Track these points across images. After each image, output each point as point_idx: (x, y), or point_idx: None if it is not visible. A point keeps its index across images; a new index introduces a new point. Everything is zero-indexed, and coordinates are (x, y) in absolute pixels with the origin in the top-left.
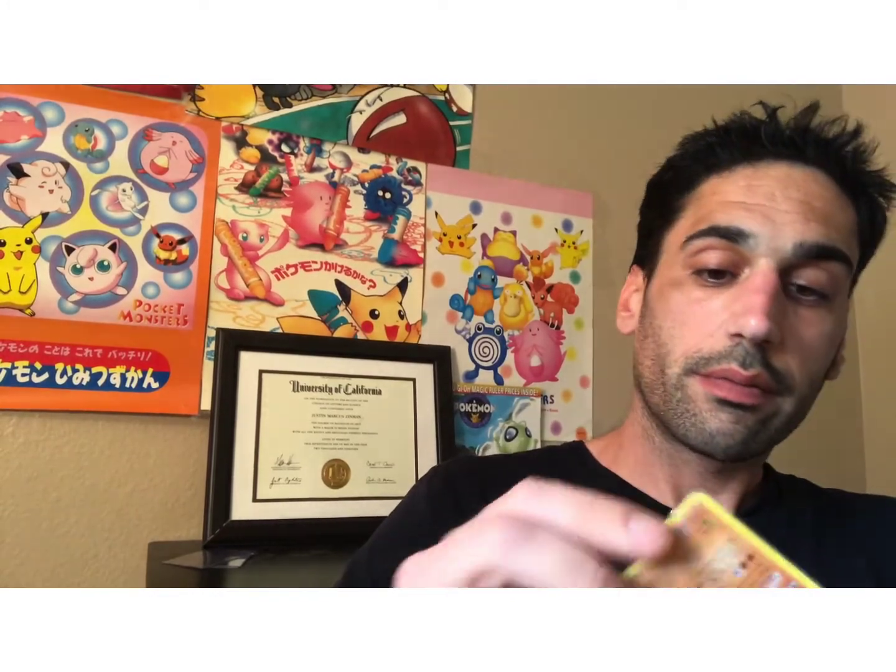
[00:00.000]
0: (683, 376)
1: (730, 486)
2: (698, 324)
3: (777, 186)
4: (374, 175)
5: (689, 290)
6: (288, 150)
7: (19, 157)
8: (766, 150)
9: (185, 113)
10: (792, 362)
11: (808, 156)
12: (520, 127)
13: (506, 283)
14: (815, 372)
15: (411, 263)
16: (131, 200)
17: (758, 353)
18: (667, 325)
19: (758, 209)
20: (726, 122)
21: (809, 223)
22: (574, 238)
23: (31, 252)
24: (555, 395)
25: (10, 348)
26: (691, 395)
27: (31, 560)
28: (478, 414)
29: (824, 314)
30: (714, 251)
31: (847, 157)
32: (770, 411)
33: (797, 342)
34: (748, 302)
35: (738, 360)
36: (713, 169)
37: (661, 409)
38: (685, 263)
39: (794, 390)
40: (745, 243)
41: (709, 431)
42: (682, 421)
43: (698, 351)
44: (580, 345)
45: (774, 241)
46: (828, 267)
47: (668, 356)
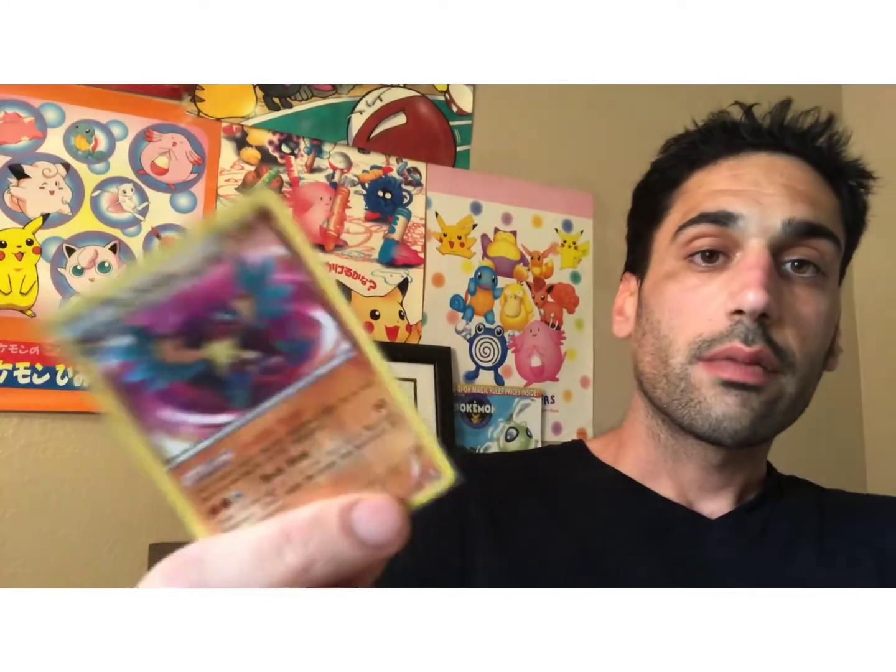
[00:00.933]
0: (688, 365)
1: (734, 479)
2: (696, 309)
3: (760, 173)
4: (374, 175)
5: (683, 278)
6: (288, 150)
7: (20, 159)
8: (747, 142)
9: (185, 114)
10: (791, 339)
11: (788, 146)
12: (520, 127)
13: (506, 284)
14: (815, 351)
15: (412, 264)
16: (132, 201)
17: (759, 329)
18: (665, 318)
19: (744, 193)
20: (706, 121)
21: (796, 203)
22: (574, 238)
23: (31, 253)
24: (555, 396)
25: (11, 349)
26: (695, 383)
27: (32, 561)
28: (478, 414)
29: (818, 293)
30: (706, 237)
31: (823, 146)
32: (775, 392)
33: (795, 319)
34: (744, 278)
35: (741, 337)
36: (697, 164)
37: (665, 403)
38: (678, 254)
39: (795, 368)
40: (734, 226)
41: (715, 417)
42: (687, 411)
43: (699, 336)
44: (581, 345)
45: (764, 220)
46: (818, 245)
47: (670, 347)
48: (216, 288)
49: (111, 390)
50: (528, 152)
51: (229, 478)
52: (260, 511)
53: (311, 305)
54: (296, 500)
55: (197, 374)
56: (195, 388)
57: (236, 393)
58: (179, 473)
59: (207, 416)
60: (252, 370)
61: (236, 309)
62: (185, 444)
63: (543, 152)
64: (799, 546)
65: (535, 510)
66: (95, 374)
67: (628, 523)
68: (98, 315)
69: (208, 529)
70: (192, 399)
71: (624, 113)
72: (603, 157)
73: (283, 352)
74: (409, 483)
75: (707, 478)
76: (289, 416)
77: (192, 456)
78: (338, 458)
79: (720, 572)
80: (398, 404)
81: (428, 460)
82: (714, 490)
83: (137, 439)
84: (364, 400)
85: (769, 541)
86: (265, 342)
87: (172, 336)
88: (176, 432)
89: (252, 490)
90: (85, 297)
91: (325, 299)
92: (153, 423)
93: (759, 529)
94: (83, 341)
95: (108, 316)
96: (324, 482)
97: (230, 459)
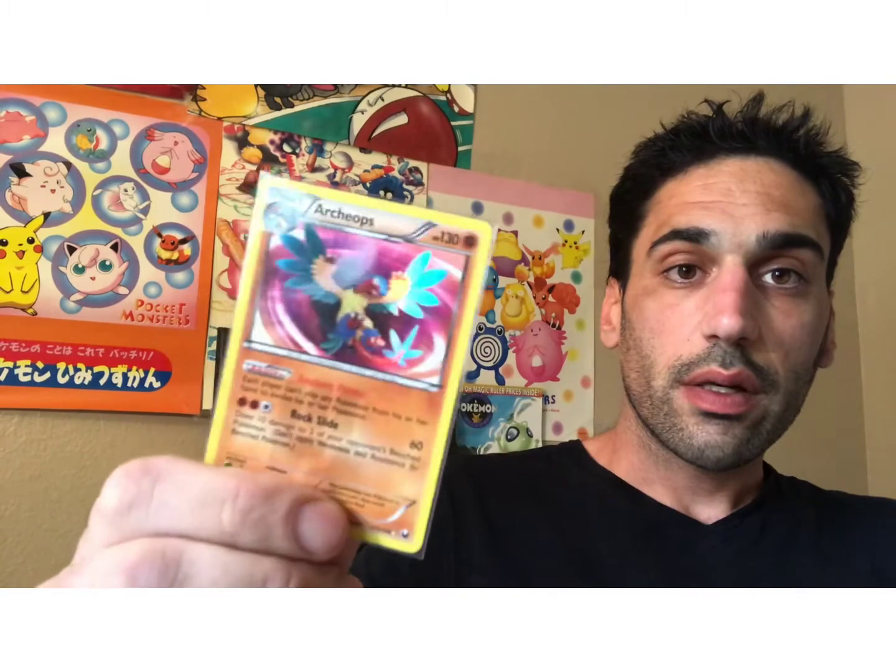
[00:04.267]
0: (669, 389)
1: (727, 485)
2: (674, 329)
3: (732, 181)
4: (375, 175)
5: (660, 296)
6: (290, 150)
7: (21, 157)
8: (717, 146)
9: (186, 113)
10: (774, 357)
11: (760, 146)
12: (521, 127)
13: (507, 284)
14: (800, 364)
15: None
16: (133, 200)
17: (736, 352)
18: (646, 336)
19: (716, 206)
20: (675, 123)
21: (770, 213)
22: (575, 238)
23: (33, 252)
24: (556, 396)
25: (12, 348)
26: (677, 409)
27: (33, 559)
28: (479, 414)
29: (801, 303)
30: (679, 254)
31: (800, 141)
32: (758, 415)
33: (777, 335)
34: (719, 301)
35: (718, 361)
36: (668, 173)
37: (651, 423)
38: (654, 269)
39: (779, 387)
40: (707, 242)
41: (697, 446)
42: (670, 435)
43: (678, 358)
44: (581, 345)
45: (737, 236)
46: (797, 254)
47: (652, 368)
48: (392, 258)
49: (257, 257)
50: (530, 152)
51: (273, 390)
52: (269, 433)
53: (441, 329)
54: (299, 450)
55: (323, 302)
56: (312, 310)
57: (334, 338)
58: (246, 356)
59: (300, 336)
60: (359, 334)
61: (390, 284)
62: (269, 339)
63: (545, 152)
64: (795, 551)
65: (530, 513)
66: (259, 236)
67: (624, 529)
68: (302, 203)
69: (226, 411)
70: (303, 315)
71: (625, 113)
72: (604, 157)
73: (391, 342)
74: (382, 521)
75: (699, 484)
76: (350, 389)
77: (265, 352)
78: (353, 450)
79: (715, 578)
80: (431, 457)
81: (412, 520)
82: (708, 495)
83: (245, 306)
84: (411, 429)
85: (765, 546)
86: (385, 324)
87: (333, 262)
88: (271, 326)
89: (279, 413)
90: (306, 186)
91: (454, 335)
92: (263, 306)
93: (755, 535)
94: (273, 208)
95: (307, 210)
96: (327, 456)
97: (286, 378)
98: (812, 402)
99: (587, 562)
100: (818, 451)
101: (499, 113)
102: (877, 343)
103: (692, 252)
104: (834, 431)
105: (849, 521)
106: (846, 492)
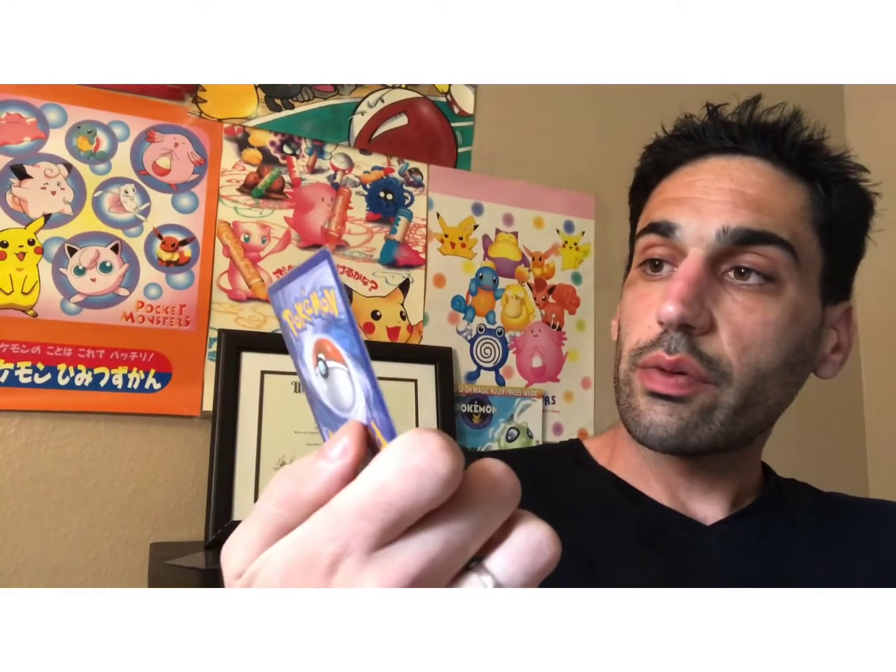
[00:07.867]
0: (629, 372)
1: (720, 485)
2: (640, 318)
3: (710, 178)
4: (375, 176)
5: (636, 287)
6: (290, 151)
7: (22, 159)
8: (707, 147)
9: (187, 115)
10: (729, 350)
11: (748, 147)
12: (521, 128)
13: (507, 285)
14: (765, 362)
15: (413, 265)
16: (133, 202)
17: (682, 338)
18: (623, 325)
19: (689, 202)
20: (674, 126)
21: (738, 210)
22: (576, 239)
23: (33, 253)
24: (556, 397)
25: (12, 349)
26: (633, 390)
27: (33, 560)
28: (479, 415)
29: (767, 300)
30: (654, 247)
31: (786, 141)
32: (707, 402)
33: (734, 329)
34: (667, 290)
35: (664, 346)
36: (663, 172)
37: (619, 408)
38: (636, 262)
39: (731, 379)
40: (673, 236)
41: (644, 425)
42: (627, 416)
43: (637, 343)
44: (582, 346)
45: (700, 230)
46: (764, 251)
47: (620, 353)
48: None
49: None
50: (530, 153)
51: None
52: None
53: None
54: None
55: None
56: None
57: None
58: None
59: None
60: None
61: None
62: None
63: (545, 153)
64: (794, 553)
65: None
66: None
67: (623, 530)
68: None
69: None
70: None
71: (625, 114)
72: (604, 159)
73: None
74: None
75: (691, 482)
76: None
77: None
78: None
79: (714, 579)
80: None
81: None
82: (703, 493)
83: None
84: None
85: (764, 548)
86: None
87: None
88: None
89: None
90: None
91: None
92: None
93: (755, 536)
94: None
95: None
96: None
97: None
98: (812, 402)
99: (587, 564)
100: (818, 451)
101: (499, 114)
102: (877, 343)
103: (664, 245)
104: (834, 431)
105: (848, 522)
106: (846, 493)
